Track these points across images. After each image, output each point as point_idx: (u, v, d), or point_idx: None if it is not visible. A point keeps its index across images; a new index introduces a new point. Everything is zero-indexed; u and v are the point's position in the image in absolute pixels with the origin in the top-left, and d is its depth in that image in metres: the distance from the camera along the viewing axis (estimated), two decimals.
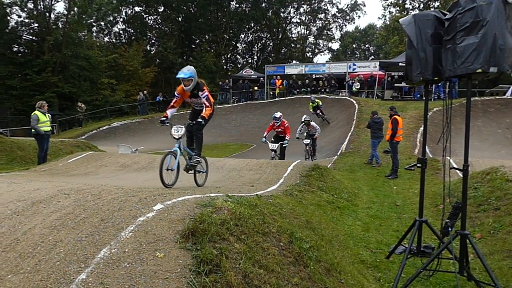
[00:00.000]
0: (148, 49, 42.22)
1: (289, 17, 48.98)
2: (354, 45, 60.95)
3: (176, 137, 5.89)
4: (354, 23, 66.20)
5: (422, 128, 15.45)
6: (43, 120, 10.47)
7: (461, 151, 3.97)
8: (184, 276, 2.26)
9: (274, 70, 30.53)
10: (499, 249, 4.88)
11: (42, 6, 31.28)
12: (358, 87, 25.42)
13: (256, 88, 29.74)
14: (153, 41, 44.36)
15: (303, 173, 7.78)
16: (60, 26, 31.71)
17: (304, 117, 13.90)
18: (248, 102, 28.35)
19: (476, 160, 10.34)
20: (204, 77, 36.60)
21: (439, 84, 16.64)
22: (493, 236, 5.34)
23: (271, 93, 28.91)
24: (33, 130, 10.45)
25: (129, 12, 42.83)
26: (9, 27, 30.46)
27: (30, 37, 32.15)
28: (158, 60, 40.60)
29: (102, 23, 40.00)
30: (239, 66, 45.60)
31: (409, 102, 20.54)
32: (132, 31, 43.33)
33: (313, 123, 14.08)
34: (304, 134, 13.91)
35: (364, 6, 65.48)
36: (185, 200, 3.17)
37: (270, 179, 7.43)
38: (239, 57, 51.07)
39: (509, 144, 15.80)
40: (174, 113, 6.34)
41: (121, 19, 42.81)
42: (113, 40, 42.61)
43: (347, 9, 51.02)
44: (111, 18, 40.85)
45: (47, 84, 29.30)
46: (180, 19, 43.34)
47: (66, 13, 31.50)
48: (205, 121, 6.03)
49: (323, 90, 26.53)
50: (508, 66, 3.56)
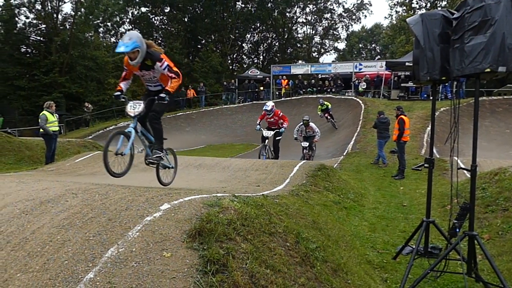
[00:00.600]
0: None
1: (295, 17, 48.98)
2: (360, 45, 60.74)
3: (132, 115, 4.85)
4: (360, 23, 65.94)
5: (429, 128, 15.39)
6: (51, 120, 10.56)
7: (469, 151, 3.94)
8: (191, 276, 2.27)
9: (280, 70, 30.52)
10: (508, 250, 4.83)
11: (50, 7, 31.56)
12: (365, 87, 25.32)
13: (262, 88, 29.75)
14: (160, 42, 44.47)
15: (309, 173, 7.76)
16: (67, 27, 31.97)
17: (304, 117, 13.25)
18: (254, 102, 28.35)
19: (484, 161, 10.26)
20: (210, 77, 36.82)
21: (446, 84, 16.52)
22: (502, 237, 5.29)
23: (277, 93, 28.89)
24: (42, 130, 10.54)
25: (136, 13, 43.14)
26: (17, 28, 30.75)
27: (38, 38, 32.44)
28: None
29: (109, 24, 40.35)
30: (245, 66, 45.63)
31: (416, 102, 20.43)
32: (139, 32, 43.50)
33: (313, 125, 13.26)
34: (302, 136, 13.22)
35: (371, 6, 65.49)
36: (192, 200, 3.17)
37: (276, 179, 7.42)
38: (245, 57, 51.14)
39: None
40: (128, 87, 5.33)
41: (128, 20, 43.15)
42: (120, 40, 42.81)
43: (353, 9, 50.93)
44: (118, 19, 41.15)
45: (55, 85, 29.53)
46: (186, 20, 43.46)
47: (73, 14, 31.75)
48: (170, 97, 4.85)
49: (329, 90, 26.47)
50: None
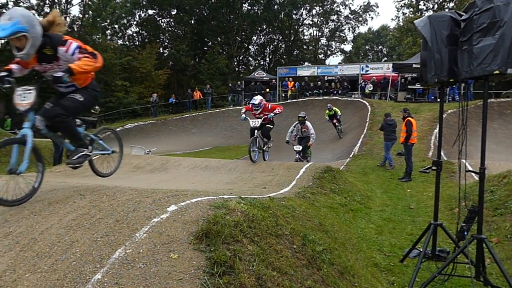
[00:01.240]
0: (161, 52, 42.56)
1: (301, 19, 48.96)
2: (367, 47, 60.54)
3: (22, 108, 3.31)
4: (367, 25, 65.97)
5: (436, 130, 15.29)
6: None
7: (477, 154, 3.91)
8: (198, 278, 2.27)
9: (286, 72, 30.54)
10: None
11: (58, 10, 31.83)
12: (371, 89, 25.23)
13: (268, 90, 29.76)
14: (166, 44, 44.74)
15: (316, 175, 7.74)
16: (76, 29, 32.22)
17: (300, 114, 12.32)
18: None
19: (492, 163, 10.17)
20: (216, 79, 36.92)
21: (454, 86, 16.41)
22: (510, 241, 5.24)
23: (283, 95, 28.89)
24: None
25: (143, 15, 43.34)
26: None
27: None
28: (171, 63, 40.90)
29: (116, 26, 40.55)
30: (251, 68, 45.68)
31: (423, 104, 20.31)
32: (146, 34, 43.78)
33: (309, 124, 12.15)
34: (296, 136, 12.18)
35: (377, 7, 65.60)
36: (199, 202, 3.18)
37: (282, 181, 7.41)
38: (251, 59, 51.20)
39: None
40: (19, 73, 3.70)
41: (135, 22, 43.34)
42: (127, 43, 43.08)
43: (360, 11, 50.85)
44: (125, 21, 41.38)
45: None
46: (193, 22, 43.62)
47: (81, 17, 32.03)
48: (72, 73, 3.42)
49: (336, 92, 26.41)
50: None
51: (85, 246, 2.46)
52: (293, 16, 47.37)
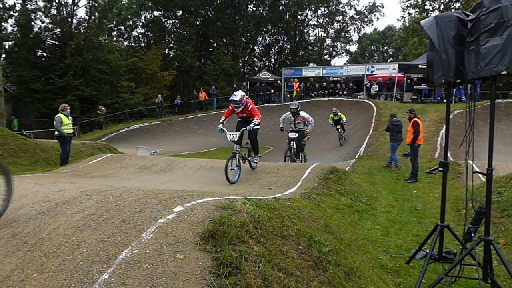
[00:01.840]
0: (167, 53, 42.69)
1: (307, 20, 48.90)
2: (373, 47, 60.36)
3: None
4: (373, 25, 65.72)
5: (443, 131, 15.20)
6: (66, 123, 10.72)
7: (483, 155, 3.88)
8: (204, 278, 2.28)
9: (292, 73, 30.49)
10: None
11: (65, 12, 32.05)
12: (377, 90, 25.13)
13: (273, 91, 29.75)
14: (172, 45, 44.87)
15: (321, 176, 7.73)
16: (82, 31, 32.41)
17: (292, 104, 10.70)
18: (265, 105, 28.35)
19: (500, 164, 10.08)
20: (222, 80, 36.97)
21: (460, 87, 16.32)
22: None
23: (288, 96, 28.86)
24: (57, 132, 10.70)
25: (148, 17, 43.47)
26: (33, 33, 31.30)
27: (53, 42, 32.92)
28: (176, 64, 41.01)
29: (122, 28, 40.76)
30: (256, 69, 45.70)
31: (429, 105, 20.20)
32: (151, 35, 43.96)
33: (304, 114, 10.57)
34: (290, 127, 10.67)
35: (383, 8, 65.22)
36: (205, 203, 3.19)
37: (288, 182, 7.41)
38: (256, 60, 51.15)
39: None
40: None
41: (141, 24, 43.49)
42: (133, 44, 43.28)
43: (365, 11, 50.65)
44: (131, 23, 41.56)
45: (69, 88, 29.94)
46: (198, 23, 43.72)
47: (88, 18, 32.20)
48: None
49: (341, 93, 26.35)
50: None
51: (92, 247, 2.48)
52: (298, 17, 47.35)
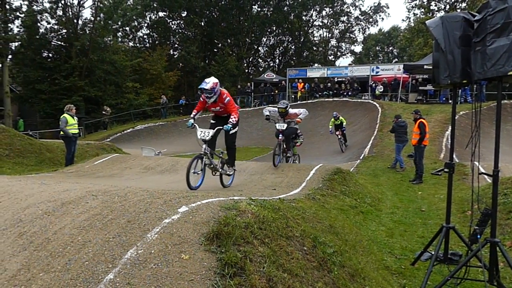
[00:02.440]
0: (171, 53, 42.83)
1: (311, 20, 48.88)
2: (377, 48, 60.18)
3: None
4: (378, 26, 65.40)
5: (448, 132, 15.13)
6: (72, 123, 10.78)
7: (489, 156, 3.86)
8: (209, 279, 2.28)
9: (296, 74, 30.49)
10: None
11: (71, 13, 32.25)
12: (382, 90, 25.06)
13: (277, 91, 29.74)
14: (176, 46, 45.00)
15: (326, 177, 7.72)
16: (87, 32, 32.61)
17: (281, 103, 9.01)
18: (270, 106, 28.32)
19: (506, 166, 10.01)
20: (226, 81, 37.01)
21: (466, 88, 16.23)
22: None
23: (293, 97, 28.85)
24: (62, 133, 10.77)
25: (153, 17, 43.66)
26: (39, 34, 31.52)
27: (59, 43, 33.13)
28: (181, 64, 41.14)
29: (127, 28, 40.96)
30: (261, 70, 45.72)
31: (435, 106, 20.12)
32: (156, 36, 44.13)
33: (293, 110, 9.13)
34: (278, 119, 8.98)
35: (388, 8, 65.22)
36: (209, 203, 3.19)
37: (292, 183, 7.40)
38: (261, 61, 51.21)
39: None
40: None
41: (146, 24, 43.69)
42: (138, 45, 43.49)
43: (370, 12, 50.58)
44: (136, 23, 41.77)
45: (74, 88, 30.12)
46: (203, 24, 43.82)
47: (93, 19, 32.39)
48: None
49: (346, 94, 26.30)
50: None
51: (98, 246, 2.49)
52: (303, 18, 47.31)
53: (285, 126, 8.65)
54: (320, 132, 21.92)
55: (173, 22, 45.16)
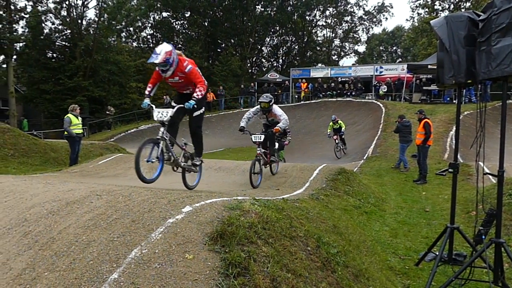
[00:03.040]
0: None
1: (315, 20, 48.84)
2: (381, 48, 60.02)
3: None
4: (381, 25, 65.34)
5: (452, 132, 15.05)
6: (75, 123, 10.82)
7: (494, 156, 3.84)
8: (213, 278, 2.28)
9: (300, 74, 30.47)
10: None
11: (75, 13, 32.41)
12: (385, 90, 24.98)
13: (280, 92, 29.72)
14: (180, 46, 44.98)
15: (329, 177, 7.70)
16: (91, 32, 32.74)
17: (263, 97, 7.68)
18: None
19: (511, 166, 9.95)
20: (230, 81, 37.06)
21: (471, 87, 16.15)
22: None
23: (296, 97, 28.82)
24: (66, 133, 10.81)
25: (157, 18, 43.78)
26: (44, 34, 31.69)
27: (63, 43, 33.31)
28: None
29: (131, 29, 41.09)
30: (264, 70, 45.70)
31: (439, 106, 20.03)
32: (160, 36, 44.21)
33: (277, 109, 7.75)
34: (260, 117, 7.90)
35: (392, 8, 64.99)
36: (213, 203, 3.20)
37: (296, 183, 7.39)
38: (264, 61, 51.20)
39: None
40: None
41: (149, 25, 43.85)
42: (141, 45, 43.64)
43: (374, 11, 50.45)
44: (140, 24, 41.91)
45: (78, 88, 30.25)
46: (206, 24, 43.88)
47: (97, 20, 32.52)
48: None
49: (349, 94, 26.25)
50: None
51: (102, 246, 2.50)
52: (307, 17, 47.27)
53: (262, 138, 7.41)
54: (324, 132, 21.87)
55: (177, 22, 45.31)
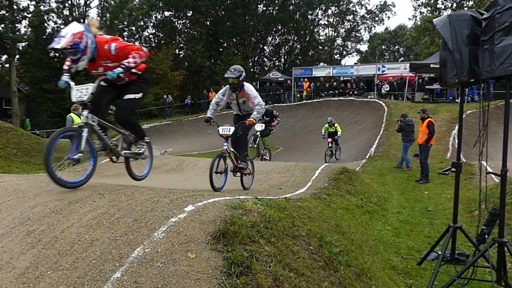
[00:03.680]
0: (177, 53, 42.90)
1: (317, 19, 48.76)
2: (383, 47, 59.88)
3: None
4: (384, 24, 65.06)
5: (455, 131, 15.01)
6: (77, 122, 10.84)
7: (497, 156, 3.83)
8: (215, 278, 2.28)
9: (302, 73, 30.45)
10: None
11: (77, 13, 32.50)
12: (388, 89, 24.94)
13: (282, 91, 29.71)
14: (182, 45, 45.09)
15: (332, 177, 7.70)
16: None
17: (230, 71, 6.02)
18: (275, 105, 28.33)
19: None
20: None
21: (473, 86, 16.10)
22: None
23: (298, 96, 28.80)
24: None
25: (159, 17, 43.86)
26: (46, 34, 31.78)
27: None
28: (187, 64, 41.19)
29: (133, 28, 41.16)
30: (266, 69, 45.67)
31: (441, 105, 19.99)
32: (162, 35, 44.29)
33: (250, 88, 6.22)
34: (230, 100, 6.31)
35: (394, 7, 64.74)
36: (216, 202, 3.20)
37: (298, 182, 7.39)
38: (266, 60, 51.19)
39: None
40: None
41: (151, 24, 43.90)
42: (143, 44, 43.63)
43: (376, 10, 50.33)
44: (142, 23, 41.98)
45: None
46: (208, 23, 43.89)
47: (99, 19, 32.58)
48: None
49: (351, 93, 26.22)
50: None
51: (105, 245, 2.50)
52: (309, 17, 47.20)
53: (232, 131, 5.97)
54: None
55: (179, 22, 45.34)
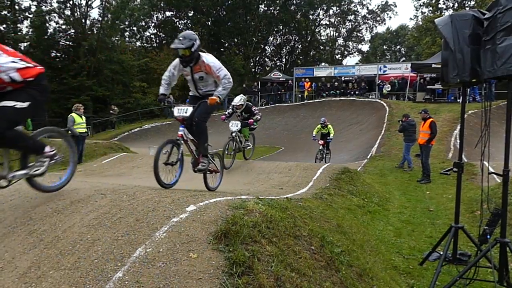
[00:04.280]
0: None
1: (318, 19, 48.67)
2: (385, 47, 59.78)
3: None
4: (385, 24, 64.94)
5: (456, 132, 14.98)
6: (79, 122, 10.86)
7: (498, 156, 3.82)
8: (217, 277, 2.28)
9: (303, 73, 30.43)
10: None
11: (79, 13, 32.53)
12: (389, 89, 24.91)
13: (284, 91, 29.70)
14: None
15: (333, 177, 7.69)
16: (95, 32, 32.85)
17: (178, 40, 5.03)
18: (277, 105, 28.32)
19: None
20: (233, 80, 37.04)
21: (475, 86, 16.08)
22: None
23: (300, 96, 28.80)
24: (69, 132, 10.86)
25: (160, 17, 43.83)
26: (48, 34, 31.83)
27: (67, 43, 33.44)
28: None
29: (135, 28, 41.20)
30: (268, 69, 45.64)
31: (443, 105, 19.96)
32: (163, 35, 44.25)
33: (211, 58, 5.50)
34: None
35: (395, 7, 64.57)
36: (217, 202, 3.20)
37: (300, 182, 7.39)
38: (268, 60, 51.11)
39: None
40: None
41: (153, 24, 43.87)
42: (145, 45, 43.65)
43: (378, 10, 50.24)
44: (143, 23, 41.98)
45: (82, 88, 30.34)
46: (210, 23, 43.87)
47: (101, 19, 32.64)
48: None
49: (353, 93, 26.19)
50: None
51: (107, 245, 2.50)
52: (310, 17, 47.16)
53: (189, 112, 5.20)
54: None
55: (180, 22, 45.26)
